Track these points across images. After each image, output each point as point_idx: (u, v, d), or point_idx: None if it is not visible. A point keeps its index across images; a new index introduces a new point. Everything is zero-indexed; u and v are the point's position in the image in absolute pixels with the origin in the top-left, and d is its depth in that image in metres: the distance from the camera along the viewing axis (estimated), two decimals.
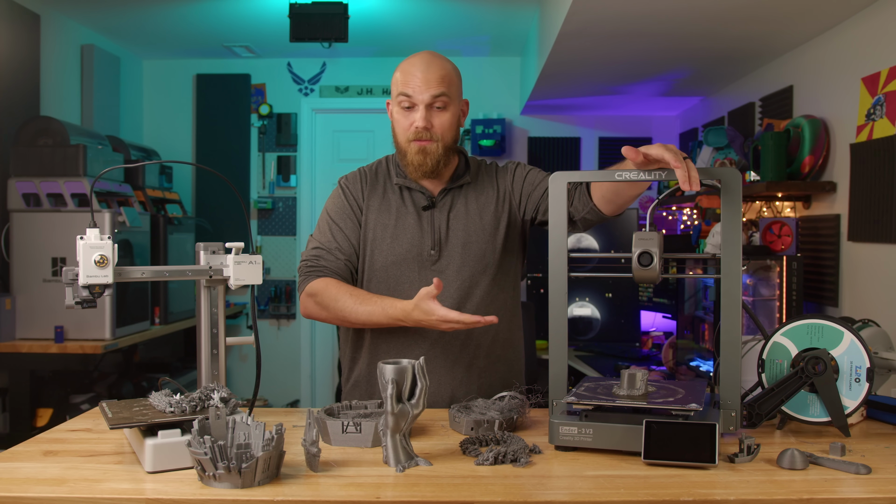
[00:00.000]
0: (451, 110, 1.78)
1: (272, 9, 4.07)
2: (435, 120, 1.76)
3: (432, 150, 1.77)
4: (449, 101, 1.76)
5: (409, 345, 1.79)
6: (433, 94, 1.74)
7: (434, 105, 1.75)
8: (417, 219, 1.82)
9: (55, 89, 4.13)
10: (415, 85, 1.74)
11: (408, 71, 1.76)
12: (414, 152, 1.77)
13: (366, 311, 1.69)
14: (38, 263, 3.48)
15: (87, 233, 1.35)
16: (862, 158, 2.67)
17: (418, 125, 1.75)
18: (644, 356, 3.80)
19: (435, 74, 1.75)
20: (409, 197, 1.85)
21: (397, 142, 1.82)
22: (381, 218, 1.83)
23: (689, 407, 1.30)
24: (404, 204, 1.84)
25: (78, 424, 1.59)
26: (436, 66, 1.76)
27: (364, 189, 1.86)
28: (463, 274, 1.80)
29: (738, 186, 1.38)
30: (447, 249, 1.80)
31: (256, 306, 5.27)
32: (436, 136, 1.76)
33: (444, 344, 1.79)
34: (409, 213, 1.83)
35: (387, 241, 1.81)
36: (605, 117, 5.18)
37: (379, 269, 1.81)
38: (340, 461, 1.31)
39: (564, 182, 1.45)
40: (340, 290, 1.74)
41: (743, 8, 2.71)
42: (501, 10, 4.11)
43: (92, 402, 3.64)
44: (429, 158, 1.77)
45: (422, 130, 1.75)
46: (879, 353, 1.66)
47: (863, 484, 1.20)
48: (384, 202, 1.85)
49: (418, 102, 1.75)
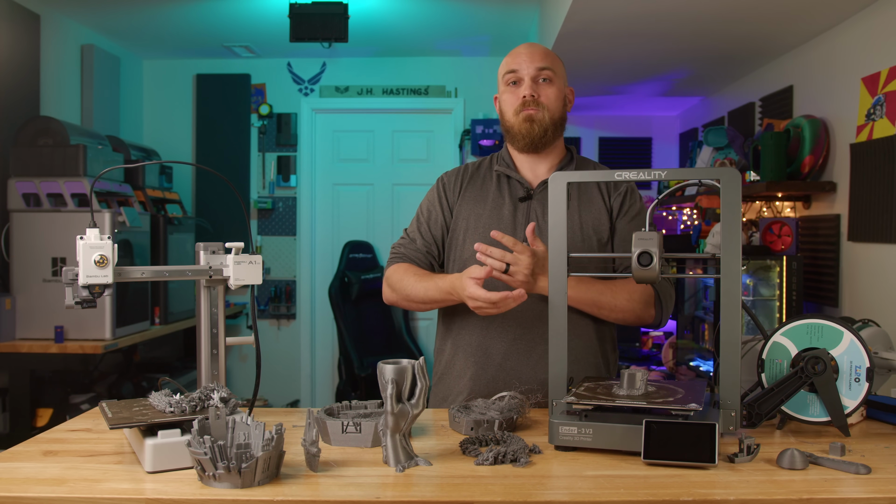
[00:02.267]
0: (557, 85, 1.83)
1: (272, 9, 4.07)
2: (541, 91, 1.81)
3: (539, 117, 1.80)
4: (554, 76, 1.82)
5: (490, 338, 1.80)
6: (538, 67, 1.80)
7: (539, 78, 1.81)
8: (513, 210, 1.83)
9: (55, 89, 4.13)
10: (520, 61, 1.82)
11: (513, 53, 1.86)
12: (521, 121, 1.81)
13: (423, 286, 1.75)
14: (38, 263, 3.48)
15: (87, 233, 1.35)
16: (862, 158, 2.67)
17: (525, 94, 1.80)
18: (644, 356, 3.80)
19: (539, 52, 1.83)
20: (507, 186, 1.87)
21: (506, 122, 1.86)
22: (475, 208, 1.85)
23: (688, 407, 1.30)
24: (501, 194, 1.85)
25: (78, 424, 1.59)
26: (539, 47, 1.85)
27: (462, 182, 1.90)
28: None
29: (738, 186, 1.38)
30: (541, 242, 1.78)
31: (256, 306, 5.27)
32: (542, 105, 1.81)
33: (527, 340, 1.78)
34: (504, 204, 1.84)
35: (479, 231, 1.82)
36: (605, 117, 5.18)
37: (469, 259, 1.79)
38: (340, 461, 1.31)
39: (564, 182, 1.45)
40: (407, 272, 1.80)
41: (743, 8, 2.71)
42: (501, 10, 4.11)
43: (92, 402, 3.64)
44: (536, 125, 1.80)
45: (529, 99, 1.80)
46: (879, 353, 1.66)
47: (863, 484, 1.20)
48: (481, 192, 1.88)
49: (524, 76, 1.81)
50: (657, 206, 1.58)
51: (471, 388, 1.81)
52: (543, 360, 1.76)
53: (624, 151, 5.19)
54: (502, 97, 1.87)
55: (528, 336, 1.78)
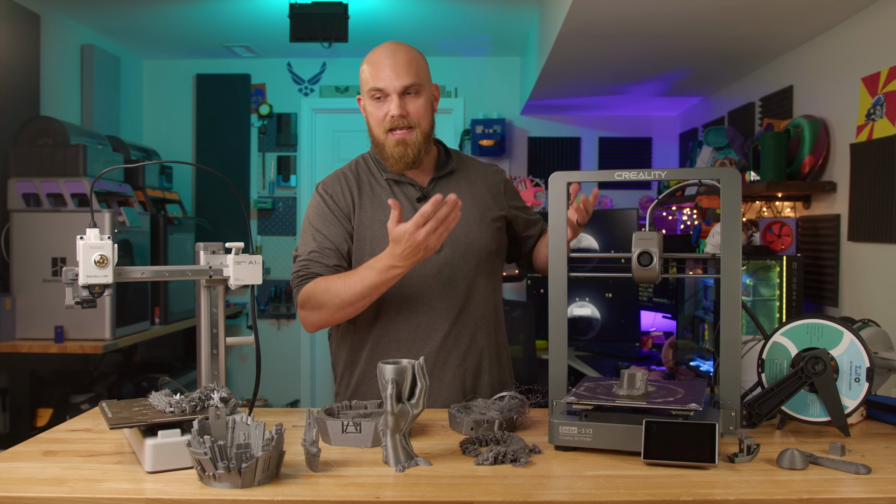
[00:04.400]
0: (425, 96, 1.76)
1: (272, 9, 4.07)
2: (409, 107, 1.74)
3: (412, 139, 1.75)
4: (421, 88, 1.74)
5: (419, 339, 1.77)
6: (404, 85, 1.72)
7: (406, 93, 1.73)
8: (413, 211, 1.79)
9: (55, 89, 4.13)
10: (385, 76, 1.72)
11: (375, 63, 1.74)
12: (392, 144, 1.75)
13: (357, 279, 1.64)
14: (38, 263, 3.48)
15: (87, 233, 1.35)
16: (862, 158, 2.67)
17: (393, 113, 1.72)
18: (644, 356, 3.80)
19: (402, 63, 1.72)
20: (400, 191, 1.83)
21: (373, 135, 1.79)
22: (376, 215, 1.80)
23: (688, 407, 1.30)
24: (397, 198, 1.81)
25: (78, 424, 1.59)
26: (402, 56, 1.73)
27: (350, 190, 1.82)
28: (469, 262, 1.79)
29: (738, 186, 1.38)
30: (449, 239, 1.77)
31: (256, 306, 5.27)
32: (413, 123, 1.74)
33: (454, 336, 1.79)
34: (404, 207, 1.79)
35: (388, 238, 1.79)
36: (605, 117, 5.18)
37: None
38: (340, 461, 1.31)
39: (564, 182, 1.45)
40: (328, 280, 1.69)
41: (743, 8, 2.71)
42: (501, 10, 4.11)
43: (92, 402, 3.64)
44: (409, 149, 1.75)
45: (397, 118, 1.73)
46: (879, 353, 1.66)
47: (863, 484, 1.20)
48: (375, 199, 1.82)
49: (391, 92, 1.73)
50: (657, 206, 1.58)
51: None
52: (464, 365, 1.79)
53: (624, 151, 5.19)
54: (367, 107, 1.78)
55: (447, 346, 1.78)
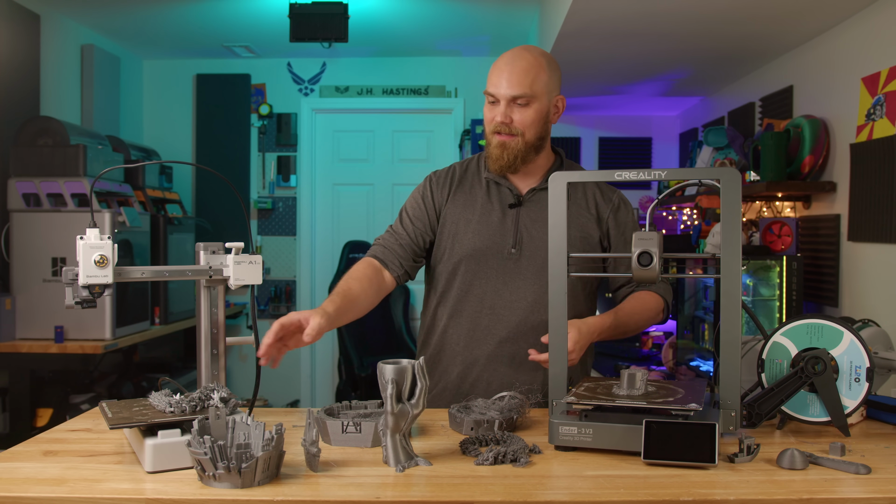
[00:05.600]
0: (535, 106, 1.78)
1: (272, 9, 4.07)
2: (515, 115, 1.78)
3: (512, 144, 1.78)
4: (532, 99, 1.77)
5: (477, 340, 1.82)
6: (513, 94, 1.76)
7: (516, 101, 1.77)
8: (502, 216, 1.83)
9: (55, 89, 4.13)
10: (499, 82, 1.78)
11: (496, 67, 1.80)
12: (494, 145, 1.80)
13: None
14: (38, 263, 3.48)
15: (87, 233, 1.35)
16: (862, 158, 2.67)
17: (497, 119, 1.78)
18: (644, 356, 3.80)
19: (518, 73, 1.76)
20: (497, 193, 1.86)
21: (485, 134, 1.85)
22: (464, 213, 1.85)
23: (688, 407, 1.30)
24: (490, 200, 1.85)
25: (78, 424, 1.59)
26: (520, 65, 1.77)
27: (451, 185, 1.89)
28: (542, 278, 1.79)
29: (738, 186, 1.38)
30: (528, 250, 1.81)
31: (256, 306, 5.27)
32: (516, 131, 1.78)
33: (511, 342, 1.81)
34: (493, 210, 1.84)
35: (468, 236, 1.82)
36: (605, 117, 5.18)
37: (457, 263, 1.83)
38: (340, 461, 1.31)
39: (564, 182, 1.45)
40: (352, 276, 1.77)
41: (743, 8, 2.71)
42: (501, 10, 4.11)
43: (92, 402, 3.64)
44: (507, 153, 1.79)
45: (500, 125, 1.78)
46: (879, 353, 1.66)
47: (863, 484, 1.20)
48: (470, 197, 1.87)
49: (500, 98, 1.77)
50: (657, 206, 1.58)
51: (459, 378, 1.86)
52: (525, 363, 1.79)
53: (624, 151, 5.19)
54: (485, 104, 1.85)
55: (511, 339, 1.80)
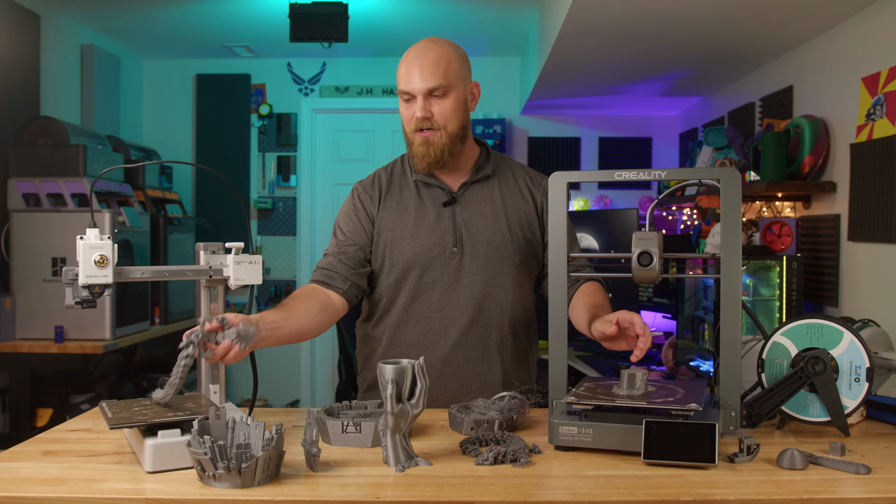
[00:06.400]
0: (453, 96, 1.74)
1: (272, 9, 4.07)
2: (434, 108, 1.73)
3: (435, 139, 1.74)
4: (449, 89, 1.73)
5: (428, 345, 1.79)
6: (429, 87, 1.71)
7: (433, 94, 1.73)
8: (437, 216, 1.79)
9: (55, 89, 4.13)
10: (410, 78, 1.72)
11: (405, 63, 1.75)
12: (417, 144, 1.76)
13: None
14: (38, 263, 3.48)
15: (87, 233, 1.35)
16: (862, 158, 2.67)
17: (417, 115, 1.73)
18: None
19: (429, 64, 1.71)
20: (428, 193, 1.83)
21: (405, 134, 1.81)
22: (399, 219, 1.80)
23: (688, 407, 1.30)
24: (422, 202, 1.81)
25: (78, 424, 1.59)
26: (430, 56, 1.72)
27: (380, 193, 1.84)
28: (487, 272, 1.78)
29: (738, 186, 1.38)
30: (470, 246, 1.78)
31: (256, 306, 5.27)
32: (437, 125, 1.74)
33: (464, 342, 1.79)
34: (427, 212, 1.80)
35: (406, 241, 1.78)
36: (605, 117, 5.18)
37: (400, 270, 1.79)
38: (340, 461, 1.31)
39: (564, 182, 1.45)
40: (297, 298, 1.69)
41: (743, 8, 2.71)
42: (501, 10, 4.11)
43: (92, 402, 3.64)
44: (432, 149, 1.75)
45: (421, 120, 1.73)
46: (879, 353, 1.66)
47: (863, 484, 1.20)
48: (401, 202, 1.82)
49: (416, 94, 1.73)
50: (657, 205, 1.58)
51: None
52: (480, 363, 1.79)
53: (624, 151, 5.19)
54: (400, 109, 1.80)
55: (464, 342, 1.79)
